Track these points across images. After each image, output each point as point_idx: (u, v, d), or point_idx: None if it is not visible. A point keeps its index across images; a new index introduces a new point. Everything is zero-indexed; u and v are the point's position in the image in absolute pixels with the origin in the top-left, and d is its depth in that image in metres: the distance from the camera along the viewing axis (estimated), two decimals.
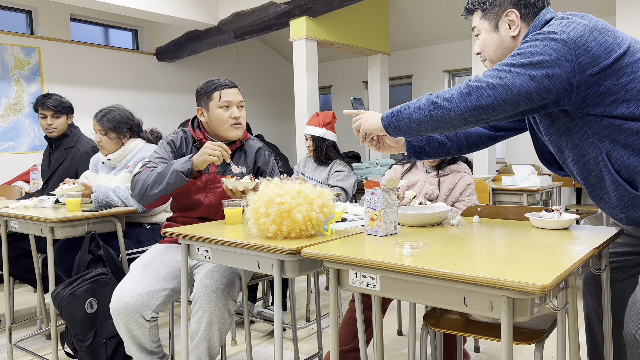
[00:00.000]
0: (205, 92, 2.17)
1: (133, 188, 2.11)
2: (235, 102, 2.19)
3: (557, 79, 1.35)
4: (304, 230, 1.60)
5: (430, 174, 2.50)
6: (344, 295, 3.56)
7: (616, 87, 1.38)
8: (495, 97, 1.37)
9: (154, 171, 2.06)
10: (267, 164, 2.30)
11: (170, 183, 2.00)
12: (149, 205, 2.15)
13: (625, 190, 1.45)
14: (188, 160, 2.01)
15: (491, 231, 1.65)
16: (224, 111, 2.16)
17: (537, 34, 1.41)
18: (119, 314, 1.96)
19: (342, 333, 2.26)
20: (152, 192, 2.04)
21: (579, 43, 1.35)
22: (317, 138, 3.35)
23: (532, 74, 1.35)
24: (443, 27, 6.17)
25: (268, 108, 7.92)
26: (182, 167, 1.99)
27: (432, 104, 1.47)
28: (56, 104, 3.20)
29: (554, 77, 1.35)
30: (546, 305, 1.18)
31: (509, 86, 1.36)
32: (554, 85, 1.36)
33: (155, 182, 2.03)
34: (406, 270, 1.22)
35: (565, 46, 1.35)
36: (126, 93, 6.21)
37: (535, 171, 3.90)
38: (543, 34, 1.40)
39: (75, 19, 5.91)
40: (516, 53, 1.40)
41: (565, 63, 1.35)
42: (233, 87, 2.20)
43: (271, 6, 4.97)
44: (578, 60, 1.35)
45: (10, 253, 3.09)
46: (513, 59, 1.39)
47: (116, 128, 2.73)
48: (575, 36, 1.36)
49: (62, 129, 3.25)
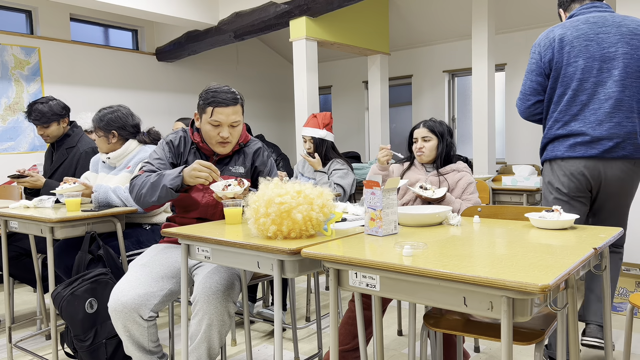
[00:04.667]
0: (202, 101, 2.13)
1: (130, 192, 2.14)
2: (227, 123, 2.10)
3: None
4: (304, 231, 1.60)
5: (430, 172, 2.50)
6: (344, 295, 3.55)
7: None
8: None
9: (148, 179, 2.07)
10: (264, 164, 2.29)
11: (162, 197, 2.03)
12: (147, 210, 2.19)
13: None
14: (178, 176, 2.01)
15: (491, 231, 1.65)
16: (213, 128, 2.11)
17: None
18: (117, 313, 1.96)
19: (341, 333, 2.25)
20: (145, 201, 2.08)
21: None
22: (317, 139, 3.35)
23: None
24: (443, 27, 6.16)
25: (268, 108, 7.92)
26: (171, 184, 2.00)
27: None
28: (39, 117, 3.13)
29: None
30: (546, 305, 1.18)
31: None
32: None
33: (147, 193, 2.05)
34: (406, 270, 1.22)
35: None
36: (126, 93, 6.21)
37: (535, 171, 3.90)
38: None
39: (75, 19, 5.91)
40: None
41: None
42: (230, 105, 2.09)
43: (271, 6, 4.97)
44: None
45: (10, 253, 3.09)
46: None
47: (105, 127, 2.73)
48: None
49: (56, 135, 3.23)
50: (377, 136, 5.93)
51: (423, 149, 2.50)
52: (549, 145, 2.41)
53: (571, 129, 2.32)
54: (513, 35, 5.84)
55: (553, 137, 2.38)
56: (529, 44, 5.71)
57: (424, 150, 2.50)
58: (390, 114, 6.31)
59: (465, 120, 6.58)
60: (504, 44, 5.89)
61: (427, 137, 2.50)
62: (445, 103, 6.54)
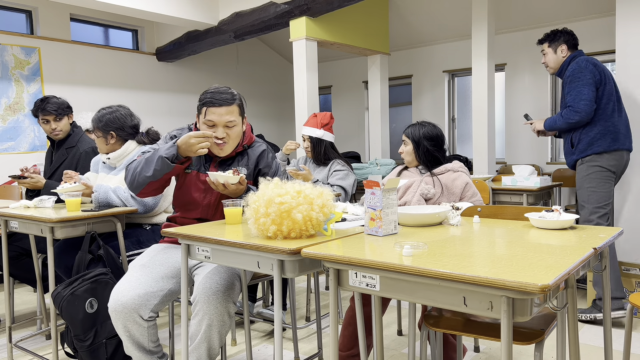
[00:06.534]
0: (199, 102, 2.12)
1: (126, 177, 2.11)
2: (221, 123, 2.07)
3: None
4: (304, 230, 1.60)
5: (424, 174, 2.51)
6: (344, 295, 3.56)
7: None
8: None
9: (143, 158, 2.06)
10: (269, 167, 2.26)
11: (157, 170, 1.98)
12: (142, 194, 2.10)
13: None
14: (173, 145, 1.99)
15: (491, 231, 1.65)
16: (208, 128, 2.09)
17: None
18: (116, 313, 1.96)
19: (344, 336, 2.24)
20: (141, 179, 2.03)
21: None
22: (314, 139, 3.35)
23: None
24: (443, 27, 6.16)
25: (268, 108, 7.92)
26: (166, 153, 1.97)
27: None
28: (56, 108, 3.18)
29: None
30: (546, 305, 1.18)
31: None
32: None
33: (142, 169, 2.02)
34: (406, 270, 1.22)
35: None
36: (126, 93, 6.21)
37: (535, 171, 3.90)
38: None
39: (75, 19, 5.91)
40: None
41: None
42: (223, 105, 2.06)
43: (271, 6, 4.97)
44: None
45: (11, 253, 3.09)
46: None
47: (103, 128, 2.73)
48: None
49: (66, 129, 3.25)
50: (377, 136, 5.93)
51: (403, 153, 2.57)
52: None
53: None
54: (513, 35, 5.84)
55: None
56: (529, 44, 5.72)
57: (403, 154, 2.57)
58: (390, 114, 6.31)
59: (465, 120, 6.58)
60: (504, 44, 5.89)
61: (405, 141, 2.56)
62: (445, 103, 6.54)
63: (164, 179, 2.05)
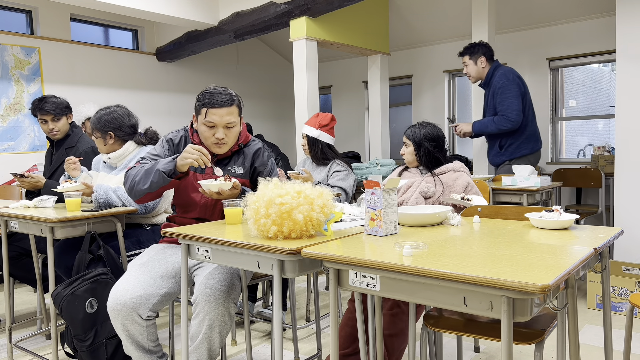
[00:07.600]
0: (198, 102, 2.13)
1: (125, 183, 2.12)
2: (222, 124, 2.08)
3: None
4: (304, 231, 1.60)
5: (425, 174, 2.51)
6: (343, 295, 3.56)
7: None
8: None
9: (142, 168, 2.07)
10: (264, 165, 2.27)
11: (154, 182, 2.00)
12: (140, 201, 2.13)
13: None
14: (172, 161, 2.01)
15: (491, 231, 1.65)
16: (208, 129, 2.10)
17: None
18: (115, 312, 1.96)
19: (341, 336, 2.24)
20: (138, 189, 2.05)
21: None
22: (311, 138, 3.36)
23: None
24: (443, 27, 6.16)
25: (268, 108, 7.91)
26: (164, 168, 1.99)
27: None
28: (54, 107, 3.17)
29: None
30: (546, 305, 1.18)
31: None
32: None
33: (141, 179, 2.04)
34: (406, 270, 1.22)
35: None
36: (126, 93, 6.21)
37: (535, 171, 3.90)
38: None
39: (75, 19, 5.91)
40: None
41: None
42: (224, 106, 2.07)
43: (271, 6, 4.97)
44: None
45: (11, 253, 3.09)
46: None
47: (101, 128, 2.73)
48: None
49: (65, 130, 3.24)
50: (377, 136, 5.93)
51: (405, 154, 2.58)
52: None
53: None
54: (513, 35, 5.84)
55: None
56: (529, 44, 5.71)
57: (404, 155, 2.58)
58: (390, 114, 6.31)
59: (465, 120, 6.58)
60: (504, 44, 5.89)
61: (406, 143, 2.58)
62: (445, 103, 6.54)
63: (161, 191, 2.08)
